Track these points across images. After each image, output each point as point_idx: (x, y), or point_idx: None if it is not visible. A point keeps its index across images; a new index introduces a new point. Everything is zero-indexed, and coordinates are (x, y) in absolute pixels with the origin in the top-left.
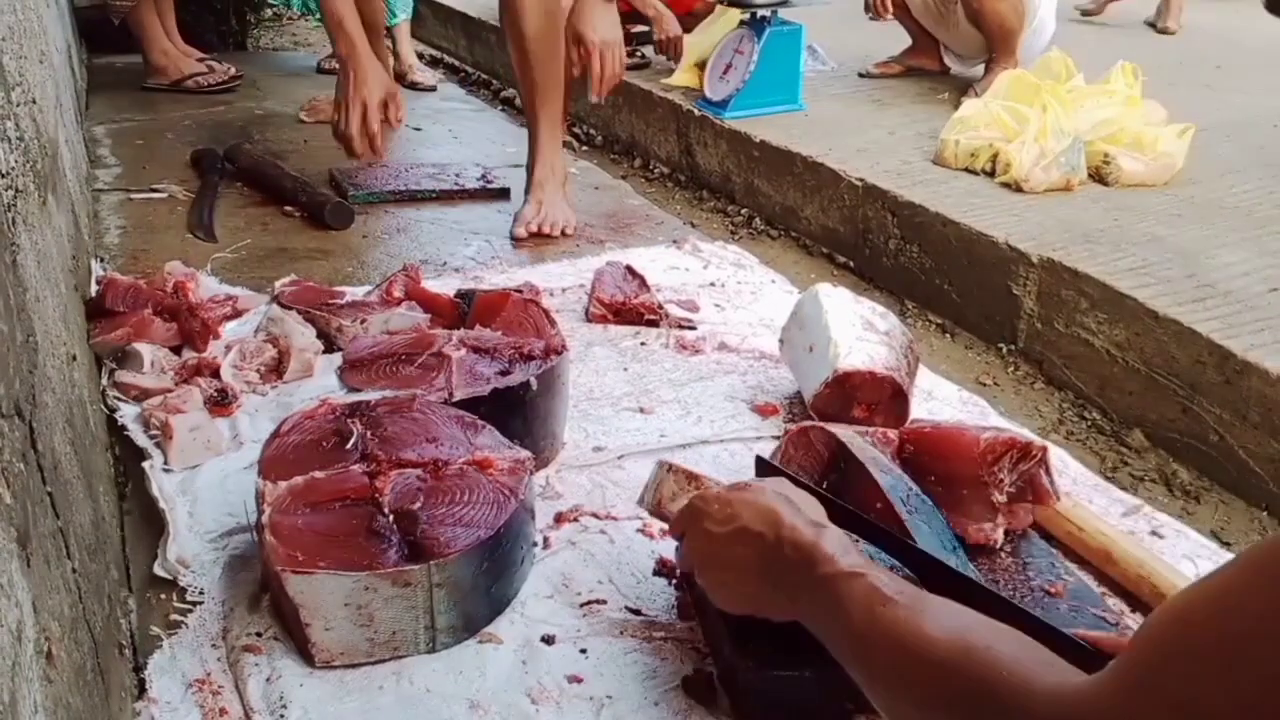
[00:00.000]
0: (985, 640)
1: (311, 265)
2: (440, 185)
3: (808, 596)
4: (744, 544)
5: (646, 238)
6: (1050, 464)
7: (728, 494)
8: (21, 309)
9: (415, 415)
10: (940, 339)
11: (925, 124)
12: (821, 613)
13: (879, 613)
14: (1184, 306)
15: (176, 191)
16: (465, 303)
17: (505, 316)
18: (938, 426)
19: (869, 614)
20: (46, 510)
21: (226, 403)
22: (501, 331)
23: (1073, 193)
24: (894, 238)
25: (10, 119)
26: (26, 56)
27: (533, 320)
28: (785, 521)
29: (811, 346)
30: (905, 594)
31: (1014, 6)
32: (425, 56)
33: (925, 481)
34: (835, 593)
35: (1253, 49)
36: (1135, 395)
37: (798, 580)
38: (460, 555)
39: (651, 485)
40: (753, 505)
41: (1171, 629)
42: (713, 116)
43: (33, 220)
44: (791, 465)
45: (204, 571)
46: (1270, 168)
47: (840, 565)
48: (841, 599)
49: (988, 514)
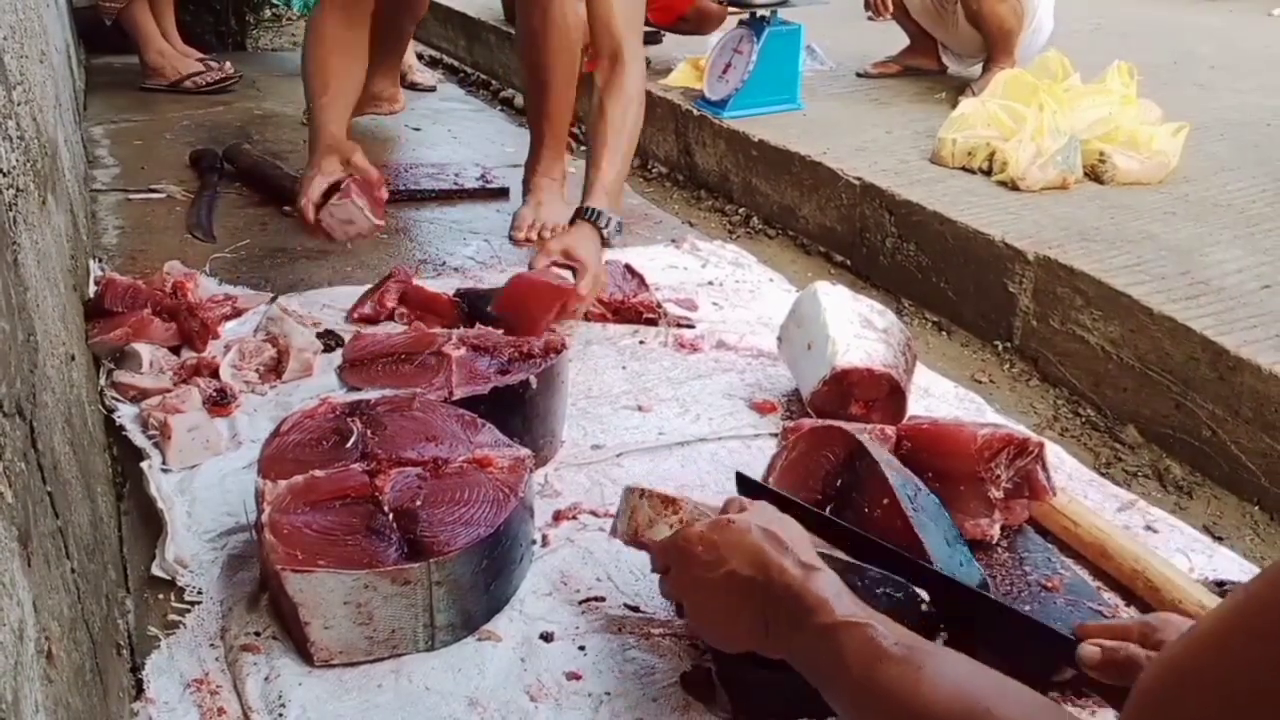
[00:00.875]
0: (986, 701)
1: (311, 265)
2: (439, 185)
3: (801, 644)
4: (733, 590)
5: (645, 237)
6: (1047, 460)
7: (712, 535)
8: (22, 308)
9: (415, 414)
10: (937, 336)
11: (923, 123)
12: (817, 662)
13: (877, 669)
14: (1178, 303)
15: (175, 192)
16: (464, 303)
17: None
18: (935, 423)
19: (866, 670)
20: (46, 510)
21: (225, 402)
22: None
23: (1069, 191)
24: (891, 236)
25: (11, 118)
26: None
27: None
28: (774, 564)
29: (810, 344)
30: (903, 647)
31: (1013, 8)
32: (425, 57)
33: (922, 478)
34: (831, 644)
35: (1246, 50)
36: (1129, 391)
37: (791, 627)
38: (460, 553)
39: (624, 513)
40: (739, 548)
41: (1169, 681)
42: (711, 116)
43: (33, 220)
44: (800, 464)
45: (202, 571)
46: (1263, 166)
47: (836, 615)
48: (837, 651)
49: (984, 510)
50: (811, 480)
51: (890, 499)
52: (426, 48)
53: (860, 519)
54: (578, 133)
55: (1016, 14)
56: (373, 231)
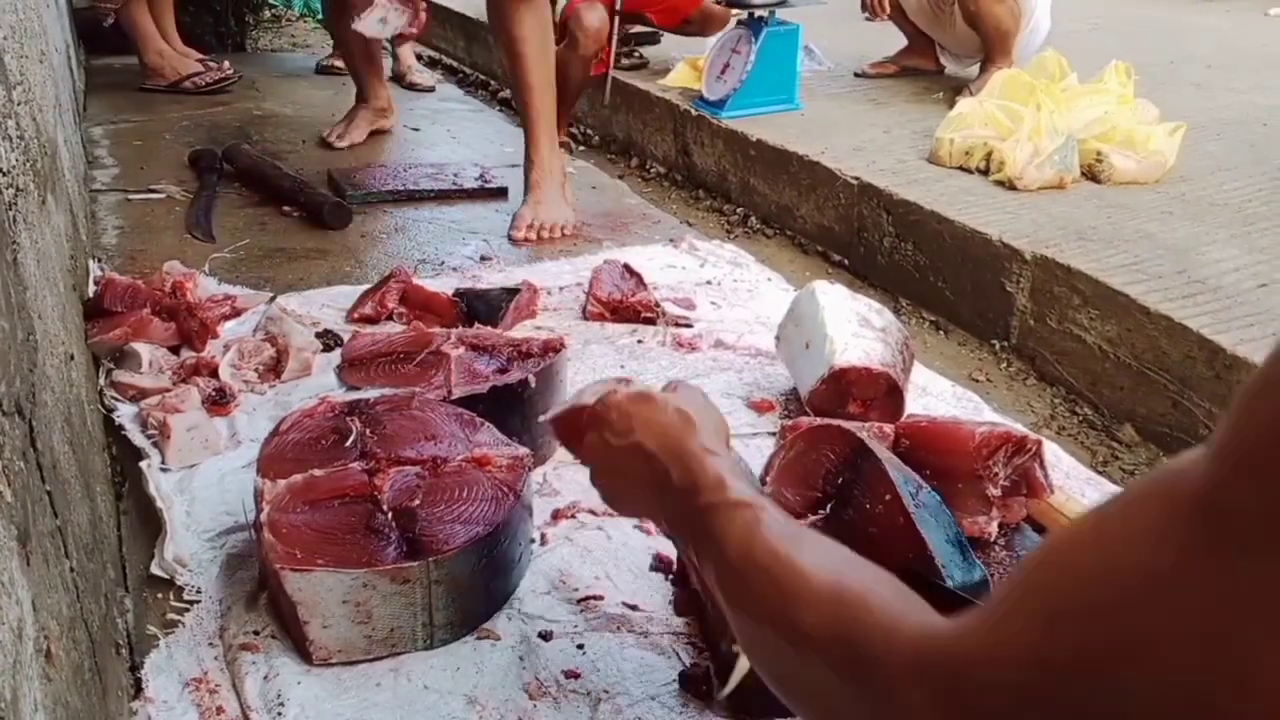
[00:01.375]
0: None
1: (310, 265)
2: (438, 185)
3: (688, 523)
4: (636, 459)
5: (644, 236)
6: (1044, 458)
7: (629, 405)
8: (22, 307)
9: (414, 413)
10: (934, 335)
11: (920, 123)
12: (700, 541)
13: (756, 544)
14: (1175, 302)
15: (174, 192)
16: (463, 302)
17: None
18: (933, 421)
19: (746, 545)
20: (45, 509)
21: (224, 402)
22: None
23: (1066, 190)
24: (889, 236)
25: (12, 118)
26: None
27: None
28: (677, 443)
29: (808, 343)
30: (783, 525)
31: (1010, 9)
32: (424, 57)
33: (921, 476)
34: (715, 521)
35: (1242, 50)
36: (1126, 390)
37: (681, 505)
38: (459, 552)
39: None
40: (650, 423)
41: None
42: (710, 116)
43: (32, 219)
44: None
45: (201, 570)
46: (1260, 165)
47: (726, 495)
48: (720, 528)
49: (982, 508)
50: (810, 479)
51: (892, 495)
52: (426, 48)
53: (862, 516)
54: (577, 133)
55: (1014, 15)
56: (409, 27)
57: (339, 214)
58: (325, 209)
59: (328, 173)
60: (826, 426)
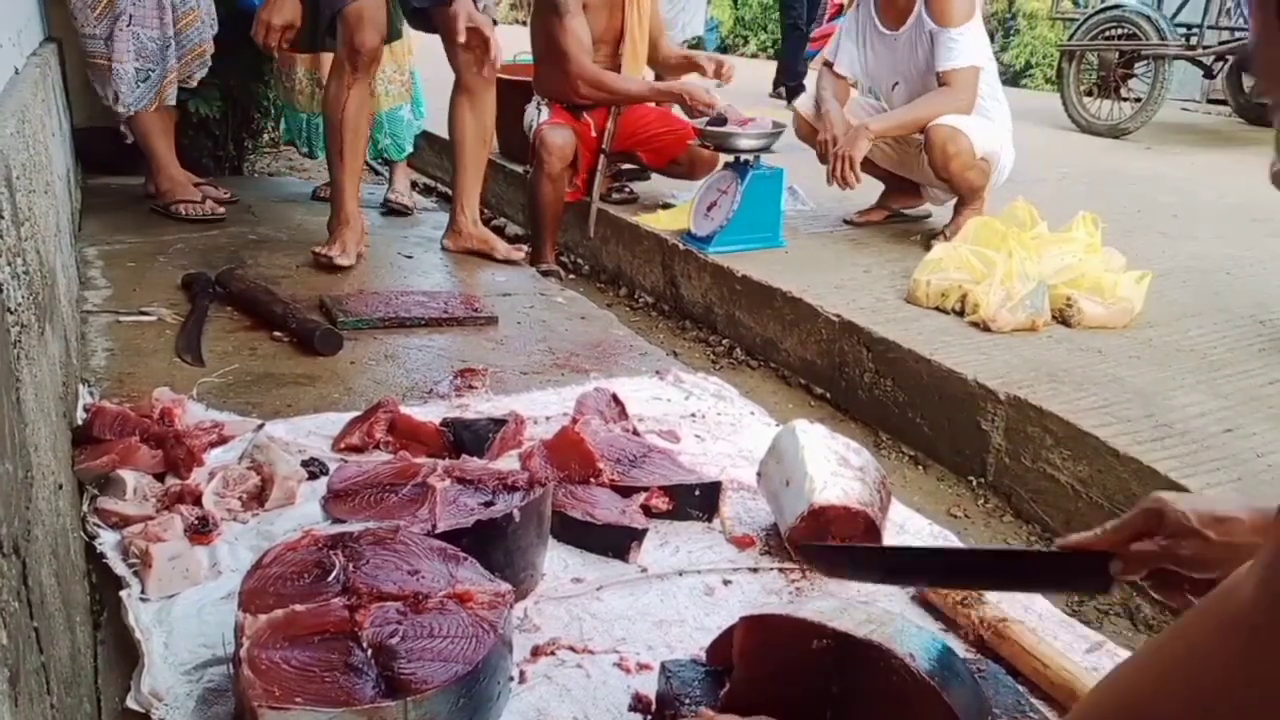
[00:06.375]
0: None
1: (298, 391)
2: (429, 313)
3: None
4: None
5: (630, 368)
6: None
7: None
8: (22, 446)
9: (397, 547)
10: (913, 470)
11: (898, 263)
12: None
13: None
14: (1143, 445)
15: (165, 315)
16: (450, 431)
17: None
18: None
19: None
20: (33, 646)
21: (207, 530)
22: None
23: (1038, 333)
24: (869, 371)
25: (20, 255)
26: (35, 190)
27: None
28: None
29: (788, 480)
30: None
31: (981, 170)
32: (419, 185)
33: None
34: None
35: (1206, 201)
36: None
37: None
38: (437, 692)
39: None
40: None
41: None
42: (697, 251)
43: (33, 353)
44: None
45: (178, 704)
46: (1223, 313)
47: None
48: None
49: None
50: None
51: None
52: (422, 176)
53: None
54: (567, 262)
55: (984, 173)
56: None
57: (329, 340)
58: (316, 336)
59: (320, 299)
60: (763, 618)
